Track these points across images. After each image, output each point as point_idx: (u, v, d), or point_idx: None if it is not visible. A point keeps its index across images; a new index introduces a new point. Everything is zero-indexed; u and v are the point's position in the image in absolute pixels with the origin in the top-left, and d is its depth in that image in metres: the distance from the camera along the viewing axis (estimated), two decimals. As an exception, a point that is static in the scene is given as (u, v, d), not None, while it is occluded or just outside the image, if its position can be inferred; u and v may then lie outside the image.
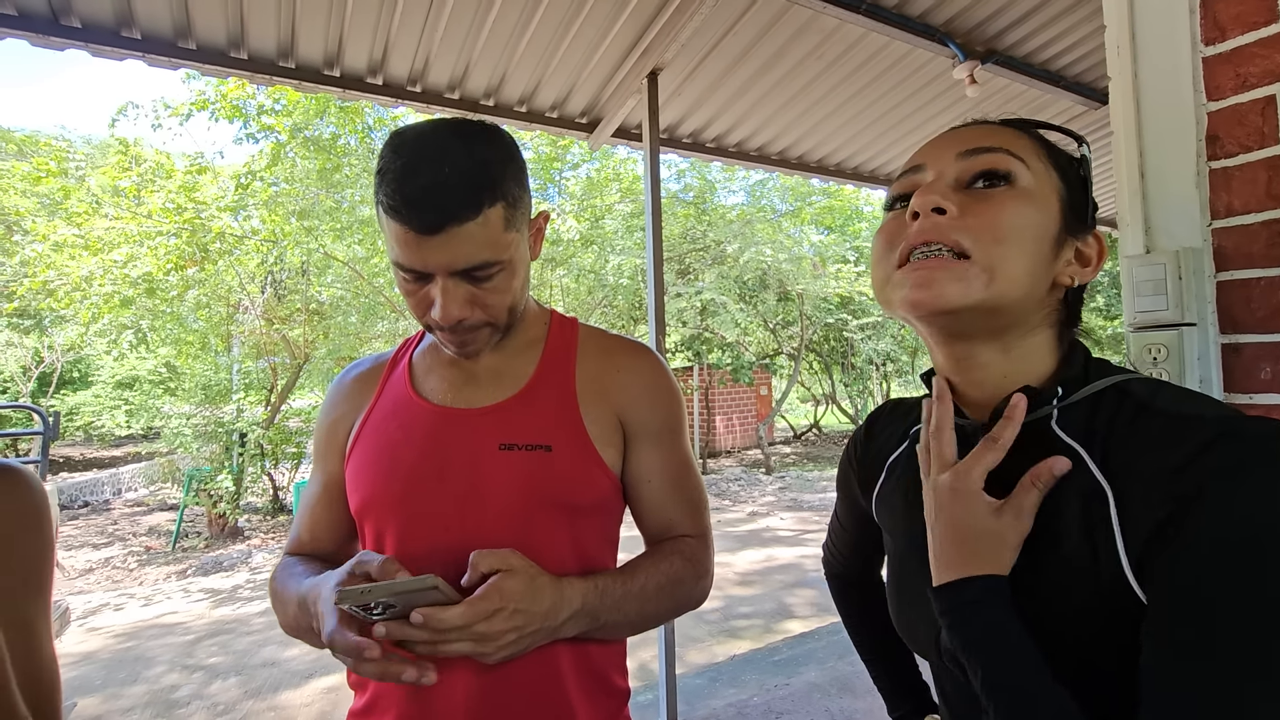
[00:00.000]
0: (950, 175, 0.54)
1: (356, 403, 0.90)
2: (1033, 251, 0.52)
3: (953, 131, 0.58)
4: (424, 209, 0.69)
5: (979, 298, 0.51)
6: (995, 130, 0.57)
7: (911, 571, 0.62)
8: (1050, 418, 0.54)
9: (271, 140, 7.66)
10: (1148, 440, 0.48)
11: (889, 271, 0.55)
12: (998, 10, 2.73)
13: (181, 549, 7.61)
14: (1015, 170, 0.53)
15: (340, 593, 0.62)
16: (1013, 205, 0.52)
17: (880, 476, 0.71)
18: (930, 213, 0.52)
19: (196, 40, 2.21)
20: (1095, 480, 0.49)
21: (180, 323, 8.44)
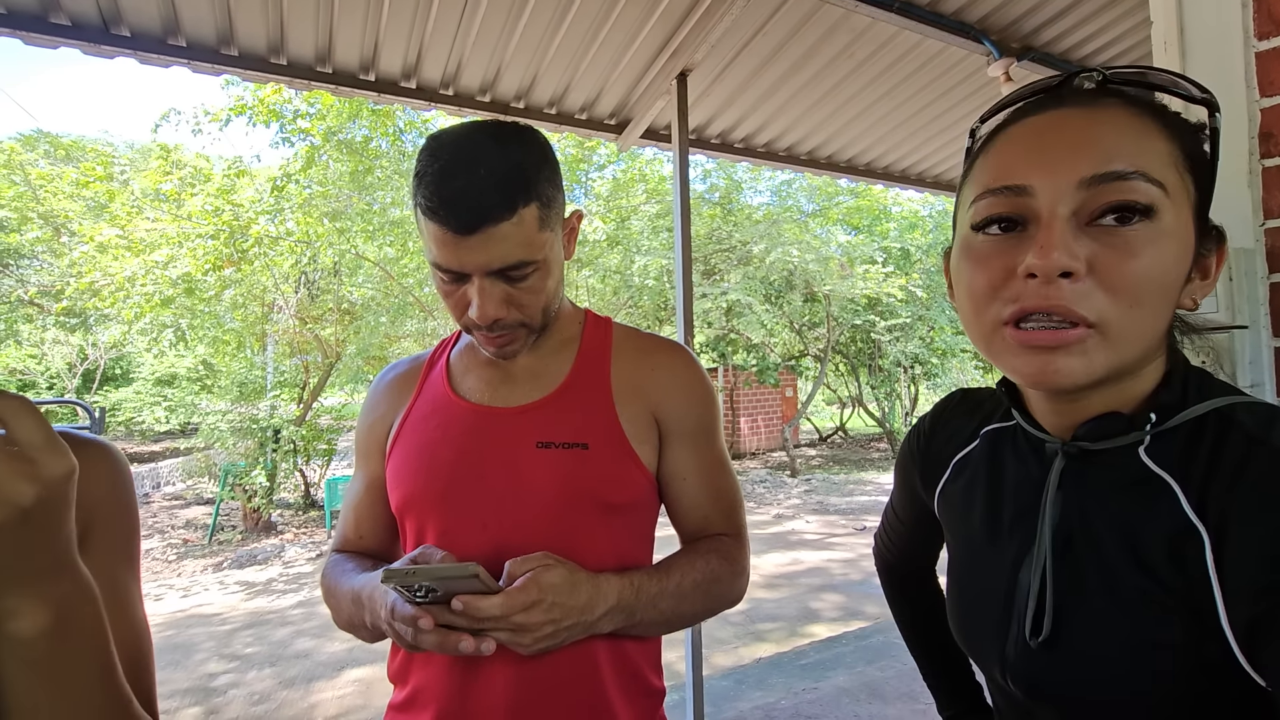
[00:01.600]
0: (1069, 207, 0.44)
1: (396, 403, 0.92)
2: (1166, 303, 0.45)
3: (1064, 128, 0.46)
4: (461, 210, 0.70)
5: (1103, 372, 0.45)
6: (1128, 132, 0.45)
7: (974, 578, 0.58)
8: (1140, 444, 0.48)
9: (306, 144, 7.83)
10: (1255, 486, 0.42)
11: (995, 326, 0.47)
12: (1034, 6, 2.67)
13: (217, 542, 7.81)
14: (1157, 202, 0.43)
15: (386, 572, 0.64)
16: (1154, 254, 0.43)
17: (945, 474, 0.66)
18: (1055, 278, 0.43)
19: (239, 47, 2.27)
20: (1188, 519, 0.44)
21: (217, 322, 8.68)
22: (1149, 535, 0.46)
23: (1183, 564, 0.43)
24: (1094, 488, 0.50)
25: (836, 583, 5.38)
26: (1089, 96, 0.47)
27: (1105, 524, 0.49)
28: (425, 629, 0.65)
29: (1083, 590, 0.49)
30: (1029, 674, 0.51)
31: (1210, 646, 0.42)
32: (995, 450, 0.61)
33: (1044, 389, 0.48)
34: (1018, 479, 0.57)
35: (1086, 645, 0.48)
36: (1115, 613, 0.46)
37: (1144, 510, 0.47)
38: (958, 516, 0.63)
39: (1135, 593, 0.45)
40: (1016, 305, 0.45)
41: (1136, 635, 0.45)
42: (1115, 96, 0.47)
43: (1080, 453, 0.51)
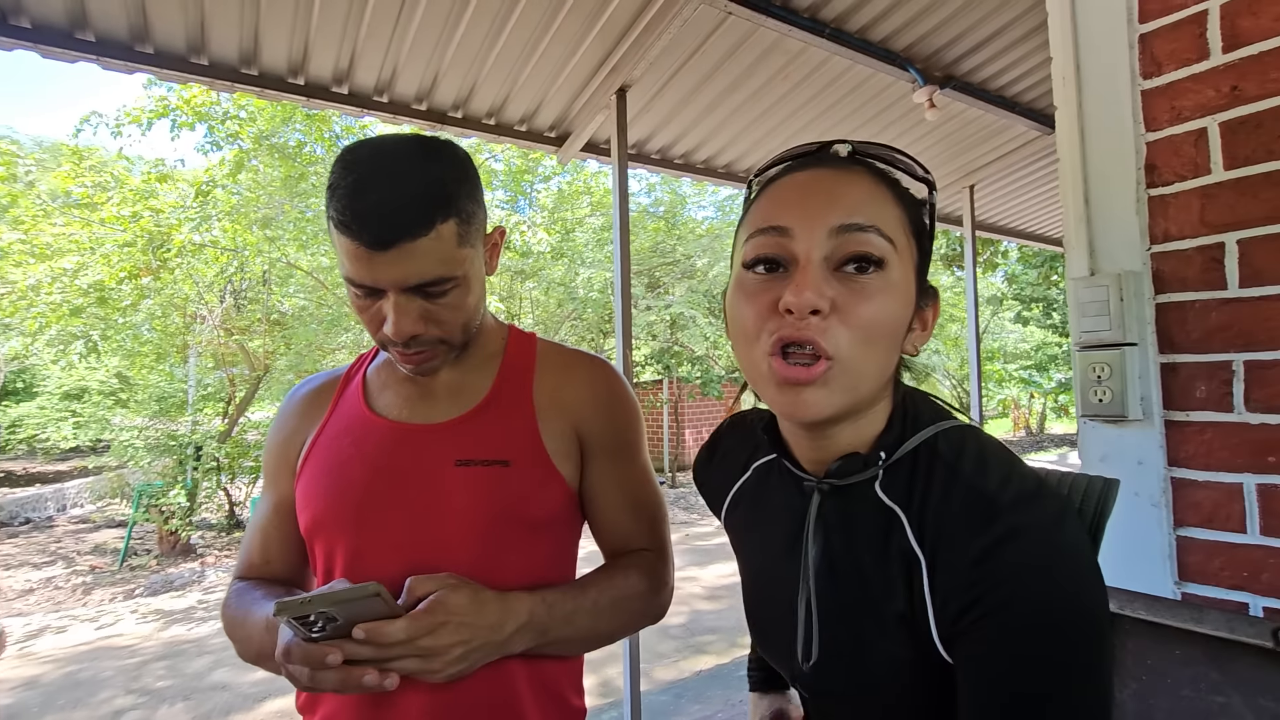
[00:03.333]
0: (821, 252, 0.51)
1: (308, 419, 0.88)
2: (892, 345, 0.54)
3: (822, 183, 0.54)
4: (375, 225, 0.68)
5: (841, 404, 0.52)
6: (868, 194, 0.53)
7: (762, 602, 0.65)
8: (875, 480, 0.56)
9: (235, 148, 7.50)
10: (953, 517, 0.50)
11: (762, 357, 0.53)
12: (956, 38, 2.83)
13: (129, 568, 7.30)
14: (887, 256, 0.51)
15: (279, 604, 0.59)
16: (883, 301, 0.51)
17: (725, 504, 0.73)
18: (807, 314, 0.50)
19: (154, 44, 2.16)
20: (911, 548, 0.52)
21: (134, 333, 8.17)
22: (886, 562, 0.53)
23: (909, 587, 0.51)
24: (845, 519, 0.57)
25: (777, 592, 5.44)
26: (842, 162, 0.56)
27: (856, 552, 0.56)
28: (333, 664, 0.62)
29: (843, 614, 0.56)
30: (811, 684, 0.60)
31: (933, 655, 0.50)
32: (764, 482, 0.68)
33: (795, 420, 0.54)
34: (785, 509, 0.63)
35: (849, 661, 0.56)
36: (870, 632, 0.54)
37: (882, 540, 0.54)
38: (741, 542, 0.69)
39: (882, 614, 0.53)
40: (776, 336, 0.51)
41: (886, 651, 0.53)
42: (862, 165, 0.55)
43: (832, 489, 0.58)
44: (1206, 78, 0.97)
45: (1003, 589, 0.46)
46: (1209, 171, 0.96)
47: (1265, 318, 0.91)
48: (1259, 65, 0.92)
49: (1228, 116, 0.95)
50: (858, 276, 0.51)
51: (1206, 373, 0.96)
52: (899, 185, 0.56)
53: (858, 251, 0.51)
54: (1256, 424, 0.91)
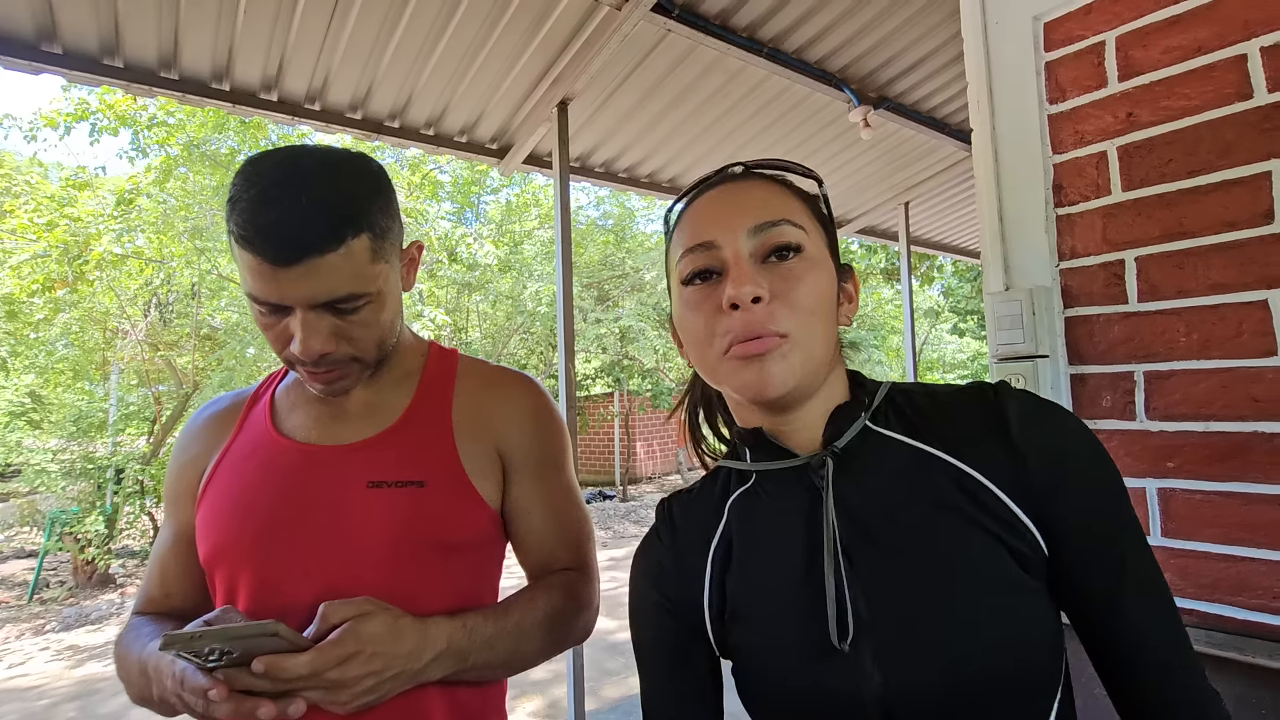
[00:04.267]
0: (746, 252, 0.56)
1: (210, 443, 0.83)
2: (828, 314, 0.58)
3: (729, 197, 0.59)
4: (279, 240, 0.65)
5: (801, 373, 0.55)
6: (769, 195, 0.59)
7: (800, 634, 0.54)
8: (867, 424, 0.60)
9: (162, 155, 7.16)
10: (967, 416, 0.57)
11: (719, 358, 0.56)
12: (888, 60, 2.93)
13: (40, 601, 6.78)
14: (802, 241, 0.57)
15: (166, 637, 0.55)
16: (810, 277, 0.56)
17: (705, 572, 0.62)
18: (750, 304, 0.54)
19: (63, 44, 2.04)
20: (946, 461, 0.55)
21: (47, 349, 7.66)
22: (931, 487, 0.55)
23: (972, 500, 0.54)
24: (860, 475, 0.58)
25: (726, 604, 5.45)
26: (739, 179, 0.62)
27: (886, 497, 0.56)
28: (216, 699, 0.58)
29: (896, 565, 0.53)
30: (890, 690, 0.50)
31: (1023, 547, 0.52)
32: (749, 511, 0.62)
33: (763, 395, 0.55)
34: (789, 518, 0.58)
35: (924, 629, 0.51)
36: (940, 574, 0.52)
37: (911, 470, 0.56)
38: (745, 600, 0.59)
39: (950, 540, 0.53)
40: (729, 335, 0.55)
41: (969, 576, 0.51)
42: (756, 178, 0.62)
43: (838, 455, 0.58)
44: (1106, 104, 1.02)
45: (1053, 425, 0.55)
46: (1109, 192, 1.01)
47: (1162, 331, 0.96)
48: (1150, 94, 0.98)
49: (1124, 141, 1.00)
50: (783, 263, 0.56)
51: (1111, 383, 1.00)
52: (793, 185, 0.63)
53: (777, 243, 0.56)
54: (1156, 431, 0.96)
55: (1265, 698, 0.84)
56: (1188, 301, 0.94)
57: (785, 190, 0.61)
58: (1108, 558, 0.53)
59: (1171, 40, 0.96)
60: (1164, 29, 0.97)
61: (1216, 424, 0.91)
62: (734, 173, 0.63)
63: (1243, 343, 0.89)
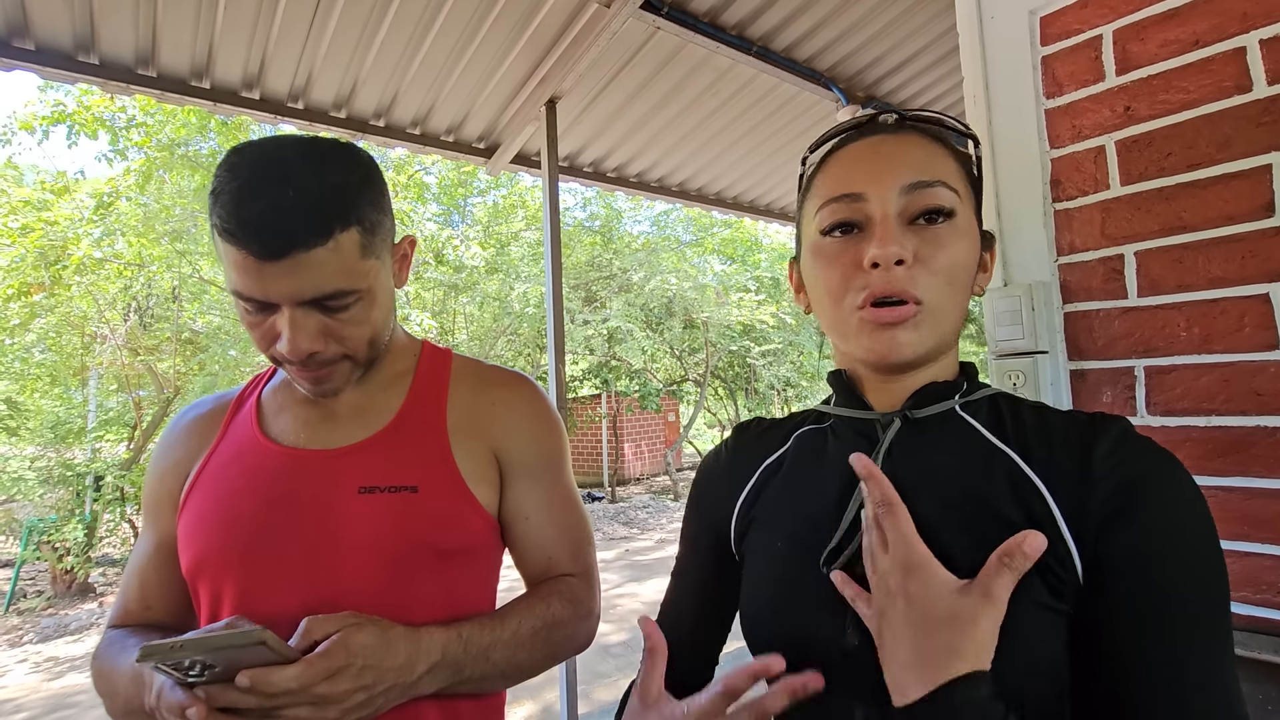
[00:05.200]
0: (895, 210, 0.55)
1: (192, 448, 0.80)
2: (967, 285, 0.56)
3: (883, 149, 0.57)
4: (263, 234, 0.62)
5: (930, 344, 0.55)
6: (929, 153, 0.57)
7: (802, 571, 0.57)
8: (955, 409, 0.58)
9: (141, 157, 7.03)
10: (1060, 433, 0.53)
11: (850, 313, 0.56)
12: (875, 59, 2.93)
13: (17, 611, 6.63)
14: (955, 206, 0.55)
15: (145, 648, 0.52)
16: (957, 246, 0.55)
17: (749, 484, 0.66)
18: (893, 265, 0.53)
19: (35, 39, 1.98)
20: (1019, 469, 0.53)
21: (24, 354, 7.50)
22: (987, 480, 0.53)
23: (1023, 512, 0.51)
24: (925, 448, 0.57)
25: (717, 605, 5.44)
26: (893, 129, 0.59)
27: (938, 475, 0.55)
28: (194, 718, 0.55)
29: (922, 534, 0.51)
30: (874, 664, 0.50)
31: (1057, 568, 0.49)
32: (812, 445, 0.65)
33: (889, 361, 0.55)
34: (839, 461, 0.59)
35: None
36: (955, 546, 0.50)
37: (978, 461, 0.54)
38: (769, 518, 0.63)
39: (979, 529, 0.51)
40: (867, 291, 0.54)
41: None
42: (912, 130, 0.59)
43: (908, 421, 0.58)
44: (1103, 98, 1.02)
45: (1141, 467, 0.49)
46: (1108, 187, 1.01)
47: (1162, 325, 0.95)
48: (1148, 87, 0.97)
49: (1123, 135, 0.99)
50: (931, 227, 0.54)
51: (1111, 379, 0.99)
52: (949, 141, 0.59)
53: (929, 205, 0.54)
54: (1157, 426, 0.95)
55: (1272, 693, 0.84)
56: (1188, 296, 0.93)
57: (942, 148, 0.58)
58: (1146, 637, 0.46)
59: (1169, 33, 0.95)
60: (1162, 22, 0.96)
61: (1218, 419, 0.90)
62: (886, 122, 0.59)
63: (1244, 337, 0.88)
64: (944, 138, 0.59)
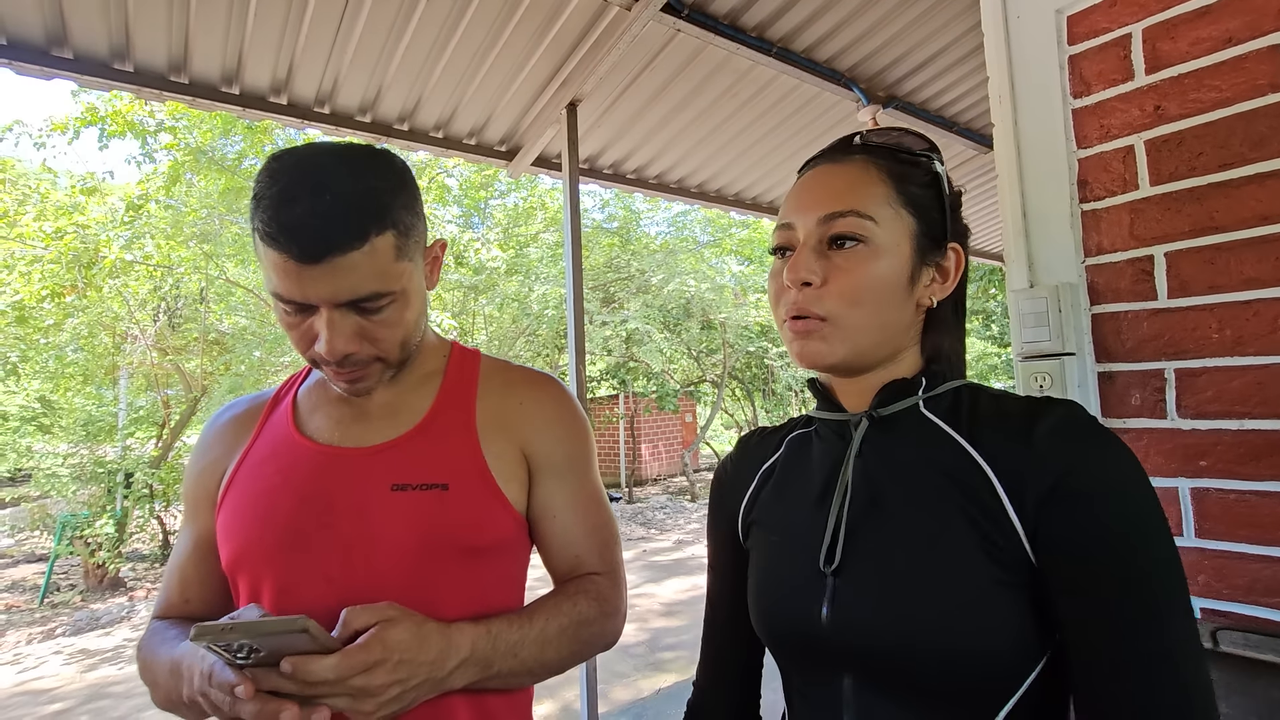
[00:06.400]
0: (814, 238, 0.62)
1: (230, 446, 0.82)
2: (885, 300, 0.61)
3: (816, 181, 0.64)
4: (303, 237, 0.64)
5: (843, 354, 0.61)
6: (852, 182, 0.62)
7: (790, 561, 0.65)
8: (918, 406, 0.63)
9: (170, 160, 7.19)
10: (1007, 419, 0.58)
11: (781, 324, 0.64)
12: (897, 59, 2.92)
13: (51, 605, 6.81)
14: (867, 232, 0.60)
15: (198, 629, 0.55)
16: (865, 267, 0.60)
17: (750, 486, 0.74)
18: (801, 286, 0.61)
19: (74, 48, 2.04)
20: (969, 457, 0.57)
21: (57, 354, 7.70)
22: (940, 479, 0.58)
23: (971, 498, 0.56)
24: (890, 446, 0.63)
25: (735, 606, 5.43)
26: (838, 158, 0.65)
27: (903, 471, 0.61)
28: (242, 697, 0.57)
29: (887, 547, 0.58)
30: (846, 641, 0.58)
31: (1001, 541, 0.53)
32: (800, 448, 0.72)
33: (806, 365, 0.63)
34: (822, 460, 0.67)
35: (898, 604, 0.56)
36: (923, 560, 0.56)
37: (934, 452, 0.60)
38: (768, 516, 0.70)
39: (938, 537, 0.56)
40: (786, 308, 0.63)
41: (947, 578, 0.54)
42: (853, 157, 0.64)
43: (879, 419, 0.64)
44: (1132, 97, 1.01)
45: (1079, 447, 0.53)
46: (1137, 187, 1.00)
47: (1193, 327, 0.94)
48: (1179, 86, 0.96)
49: (1152, 135, 0.98)
50: (841, 251, 0.61)
51: (1140, 381, 0.98)
52: (895, 164, 0.64)
53: (837, 232, 0.61)
54: (1188, 429, 0.94)
55: (1306, 702, 0.82)
56: (1220, 297, 0.92)
57: (876, 173, 0.63)
58: (1099, 610, 0.50)
59: (1201, 31, 0.94)
60: (1193, 20, 0.95)
61: (1251, 422, 0.89)
62: (837, 149, 0.66)
63: (1278, 339, 0.87)
64: (885, 160, 0.64)
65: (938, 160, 0.66)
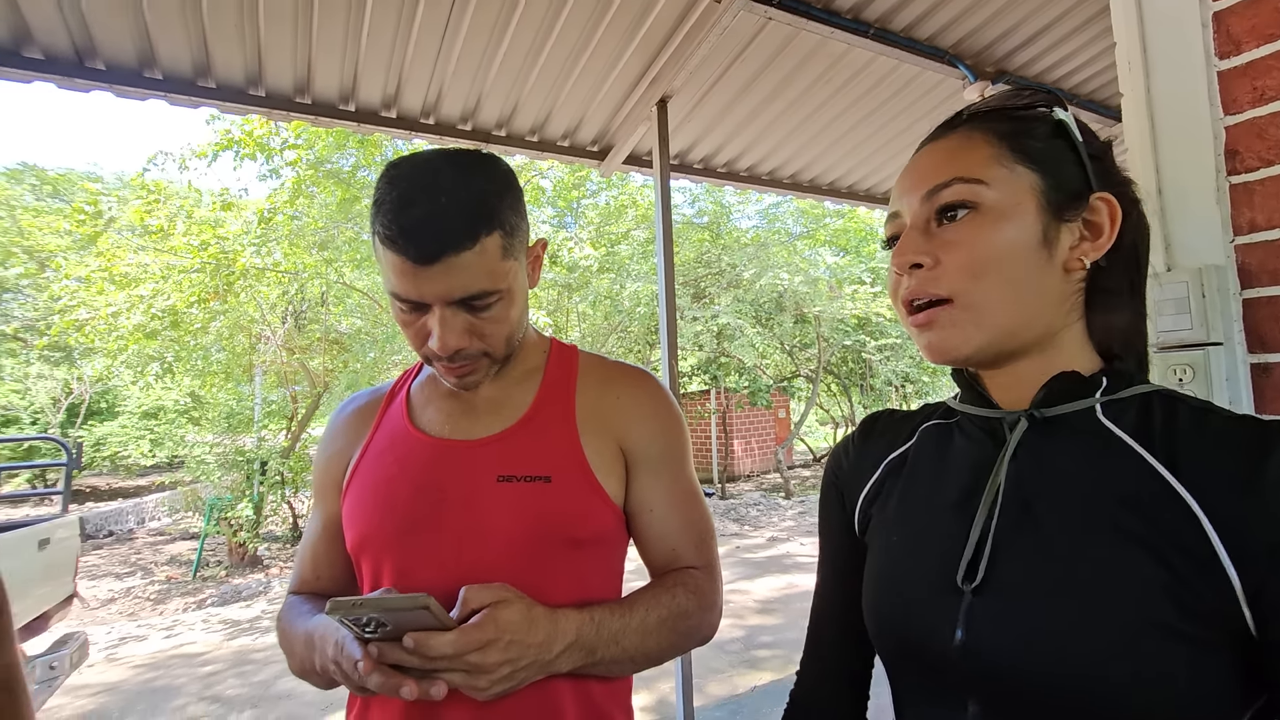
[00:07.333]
0: (921, 219, 0.57)
1: (353, 437, 0.89)
2: (1016, 268, 0.53)
3: (916, 162, 0.59)
4: (420, 239, 0.68)
5: (980, 340, 0.54)
6: (954, 151, 0.57)
7: (916, 568, 0.57)
8: (1094, 410, 0.53)
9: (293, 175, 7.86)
10: (1225, 446, 0.47)
11: (903, 319, 0.58)
12: (1007, 31, 2.72)
13: (202, 578, 7.65)
14: (975, 196, 0.54)
15: (332, 603, 0.60)
16: (981, 234, 0.53)
17: (872, 477, 0.67)
18: (910, 270, 0.55)
19: (216, 79, 2.27)
20: (1169, 486, 0.47)
21: (204, 354, 8.61)
22: (1119, 490, 0.49)
23: (1168, 536, 0.46)
24: (1054, 450, 0.54)
25: (832, 607, 5.29)
26: (941, 135, 0.59)
27: (1067, 485, 0.52)
28: (364, 672, 0.62)
29: (1041, 541, 0.51)
30: (982, 667, 0.50)
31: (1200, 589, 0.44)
32: (936, 441, 0.64)
33: (940, 360, 0.56)
34: (964, 460, 0.60)
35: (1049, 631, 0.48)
36: (1093, 592, 0.47)
37: (1111, 467, 0.50)
38: (893, 509, 0.63)
39: (1115, 572, 0.47)
40: (902, 297, 0.57)
41: (1118, 616, 0.45)
42: (956, 130, 0.59)
43: (1041, 420, 0.55)
44: (1293, 54, 0.89)
45: None
46: (1300, 154, 0.88)
47: (1372, 311, 0.82)
48: (1354, 37, 0.84)
49: (1319, 94, 0.87)
50: (949, 225, 0.55)
51: (1305, 373, 0.87)
52: (997, 124, 0.57)
53: (943, 204, 0.55)
54: (1366, 429, 0.82)
55: None
56: None
57: (981, 136, 0.56)
58: None
59: (1382, -28, 0.82)
60: (1371, -40, 0.83)
61: None
62: (941, 128, 0.60)
63: None
64: (993, 122, 0.57)
65: (1059, 108, 0.57)
